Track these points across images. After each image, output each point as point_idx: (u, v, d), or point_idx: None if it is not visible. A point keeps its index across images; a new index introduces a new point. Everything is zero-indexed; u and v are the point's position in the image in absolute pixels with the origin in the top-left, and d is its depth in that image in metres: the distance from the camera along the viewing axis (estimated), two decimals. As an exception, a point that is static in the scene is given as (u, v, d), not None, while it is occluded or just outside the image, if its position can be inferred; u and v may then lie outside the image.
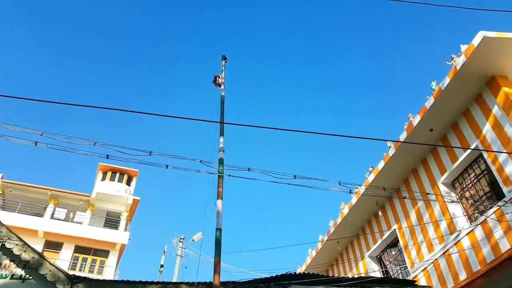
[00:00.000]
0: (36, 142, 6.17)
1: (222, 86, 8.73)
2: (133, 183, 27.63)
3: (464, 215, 10.61)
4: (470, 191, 10.71)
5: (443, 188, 11.19)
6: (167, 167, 6.87)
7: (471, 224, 10.15)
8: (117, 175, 27.10)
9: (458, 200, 10.91)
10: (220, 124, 7.77)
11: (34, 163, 54.91)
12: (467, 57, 9.38)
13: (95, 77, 62.05)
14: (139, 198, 26.70)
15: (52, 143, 6.14)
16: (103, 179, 26.74)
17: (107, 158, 6.38)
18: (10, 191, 24.26)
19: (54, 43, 57.08)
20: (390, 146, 12.23)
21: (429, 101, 10.56)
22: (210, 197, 7.05)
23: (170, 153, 6.71)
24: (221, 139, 7.66)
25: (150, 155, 6.61)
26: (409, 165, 12.35)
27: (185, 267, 17.42)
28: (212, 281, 5.86)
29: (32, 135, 6.10)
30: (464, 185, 10.91)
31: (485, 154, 9.86)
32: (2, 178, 24.17)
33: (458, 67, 9.65)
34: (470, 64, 9.46)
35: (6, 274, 6.62)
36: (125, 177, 27.31)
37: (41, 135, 6.11)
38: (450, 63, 10.09)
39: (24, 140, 6.19)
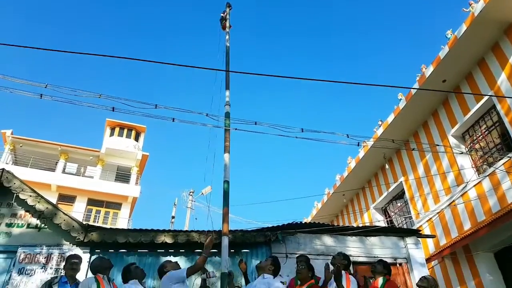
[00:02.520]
0: (41, 94, 6.09)
1: (227, 36, 8.35)
2: (141, 139, 27.84)
3: (473, 167, 10.58)
4: (480, 143, 10.60)
5: (452, 141, 11.08)
6: (173, 120, 6.78)
7: (479, 176, 10.15)
8: (125, 131, 27.25)
9: (467, 152, 10.83)
10: (225, 74, 7.52)
11: (41, 118, 55.24)
12: (486, 2, 8.86)
13: (93, 26, 60.64)
14: (148, 154, 27.01)
15: (56, 95, 6.06)
16: (111, 134, 26.93)
17: (113, 110, 6.29)
18: (21, 146, 24.64)
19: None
20: (401, 99, 11.99)
21: (443, 51, 10.15)
22: (217, 151, 7.03)
23: (174, 106, 6.60)
24: (227, 93, 7.47)
25: (156, 108, 6.52)
26: (419, 117, 12.16)
27: (196, 219, 18.07)
28: (221, 229, 6.00)
29: (37, 87, 6.00)
30: (475, 137, 10.77)
31: (498, 106, 9.62)
32: (12, 133, 24.45)
33: (476, 13, 9.15)
34: (488, 10, 8.95)
35: (23, 224, 6.87)
36: (133, 133, 27.47)
37: (45, 87, 6.01)
38: (467, 10, 9.56)
39: (29, 93, 6.11)
